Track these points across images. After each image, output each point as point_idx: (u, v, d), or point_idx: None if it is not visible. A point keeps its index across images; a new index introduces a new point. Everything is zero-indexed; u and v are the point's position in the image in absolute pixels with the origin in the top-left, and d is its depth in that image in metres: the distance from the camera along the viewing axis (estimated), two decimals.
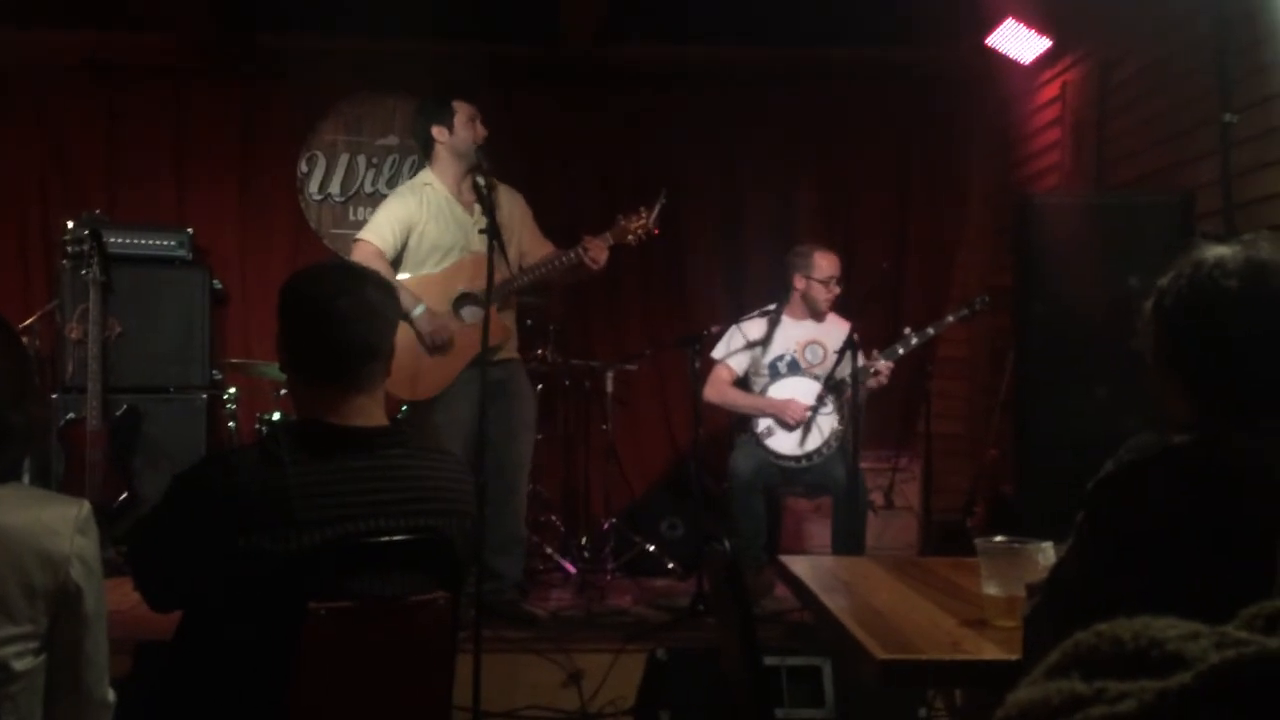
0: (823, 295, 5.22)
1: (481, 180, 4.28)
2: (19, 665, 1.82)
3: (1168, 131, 4.79)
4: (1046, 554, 2.24)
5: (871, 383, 5.00)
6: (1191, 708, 0.57)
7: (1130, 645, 0.61)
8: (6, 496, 1.85)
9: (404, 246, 4.73)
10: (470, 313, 4.65)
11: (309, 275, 2.38)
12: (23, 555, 1.81)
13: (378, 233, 4.72)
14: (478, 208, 4.41)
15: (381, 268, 4.38)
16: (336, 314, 2.23)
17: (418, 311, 4.59)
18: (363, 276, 2.34)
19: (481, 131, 4.73)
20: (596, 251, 4.56)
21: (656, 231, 4.63)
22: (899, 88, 6.63)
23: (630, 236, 4.60)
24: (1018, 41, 5.82)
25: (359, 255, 4.62)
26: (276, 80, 6.56)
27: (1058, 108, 5.88)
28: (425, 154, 4.88)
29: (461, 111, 4.73)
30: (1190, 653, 0.60)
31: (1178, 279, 1.74)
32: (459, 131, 4.72)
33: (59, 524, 1.86)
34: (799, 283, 5.25)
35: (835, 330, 5.18)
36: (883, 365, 4.99)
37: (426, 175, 4.84)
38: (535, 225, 4.91)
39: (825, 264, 5.22)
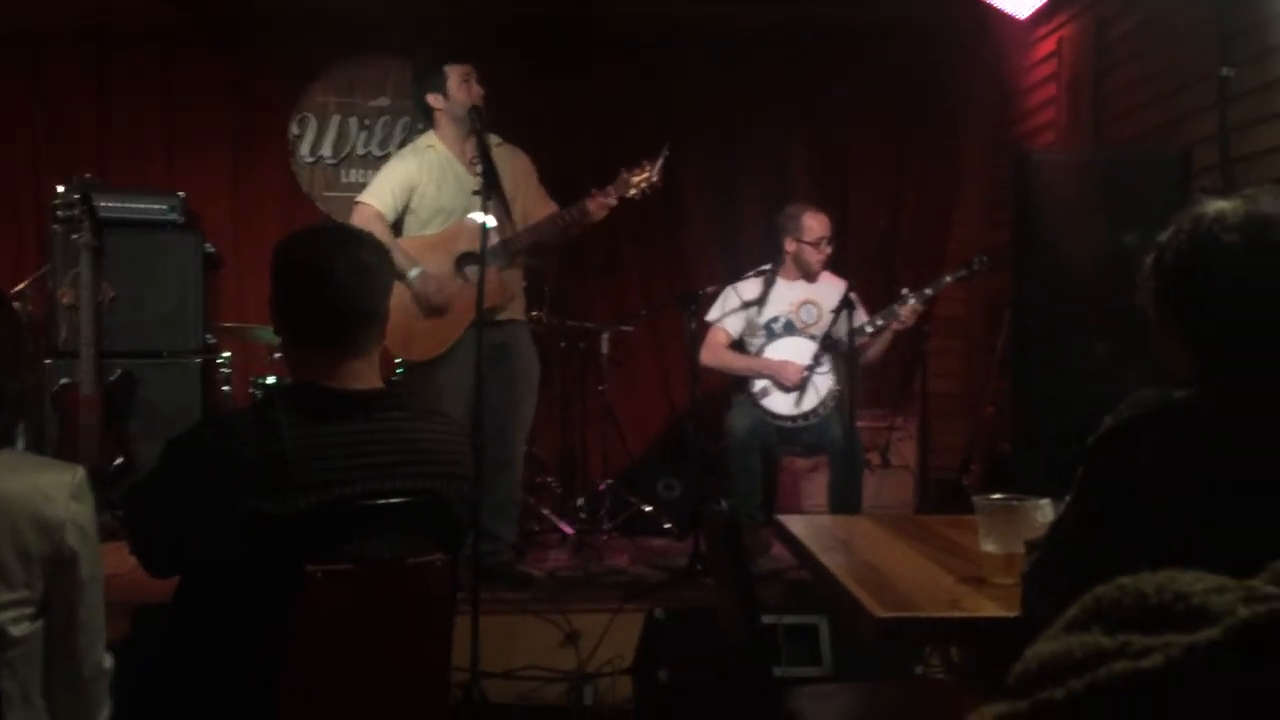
0: (814, 257, 5.19)
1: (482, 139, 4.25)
2: (16, 631, 1.82)
3: (1165, 86, 4.76)
4: (1044, 511, 2.24)
5: (901, 320, 5.00)
6: (1221, 663, 0.56)
7: (1154, 599, 0.60)
8: (2, 463, 1.85)
9: (406, 209, 4.71)
10: (474, 271, 4.61)
11: (302, 238, 2.36)
12: (18, 521, 1.81)
13: (378, 195, 4.70)
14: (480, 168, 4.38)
15: (381, 230, 4.36)
16: (332, 277, 2.20)
17: (414, 273, 4.56)
18: (357, 239, 2.32)
19: (477, 90, 4.69)
20: (596, 207, 4.54)
21: (660, 184, 4.59)
22: (893, 44, 6.56)
23: (633, 190, 4.55)
24: None
25: (359, 218, 4.60)
26: (267, 42, 6.50)
27: (1054, 63, 5.83)
28: (428, 121, 4.85)
29: (454, 75, 4.69)
30: (1217, 607, 0.59)
31: (1178, 234, 1.73)
32: (454, 95, 4.68)
33: (54, 490, 1.86)
34: (789, 245, 5.22)
35: (830, 289, 5.16)
36: (908, 309, 4.98)
37: (430, 138, 4.81)
38: (539, 186, 4.87)
39: (815, 225, 5.19)
